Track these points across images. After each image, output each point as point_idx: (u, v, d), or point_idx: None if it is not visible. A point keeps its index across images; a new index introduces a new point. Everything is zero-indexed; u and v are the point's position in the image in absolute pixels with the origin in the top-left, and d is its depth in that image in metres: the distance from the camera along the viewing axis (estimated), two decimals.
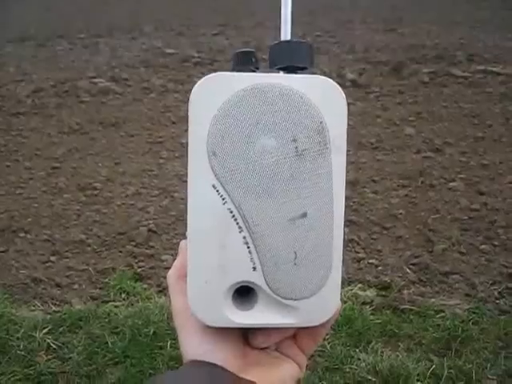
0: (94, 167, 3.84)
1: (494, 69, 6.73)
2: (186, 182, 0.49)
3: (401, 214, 3.07)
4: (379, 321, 2.33)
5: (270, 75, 0.49)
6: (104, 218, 3.08)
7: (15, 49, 9.39)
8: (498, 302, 2.46)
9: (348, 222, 2.85)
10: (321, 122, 0.49)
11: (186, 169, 0.49)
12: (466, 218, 3.06)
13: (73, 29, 11.60)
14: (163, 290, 2.49)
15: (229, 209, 0.49)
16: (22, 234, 2.96)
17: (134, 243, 2.79)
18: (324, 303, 0.51)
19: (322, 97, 0.49)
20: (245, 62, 0.53)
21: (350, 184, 3.35)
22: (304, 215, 0.49)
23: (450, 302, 2.44)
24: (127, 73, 6.76)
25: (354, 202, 3.15)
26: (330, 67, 6.83)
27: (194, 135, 0.50)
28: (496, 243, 2.81)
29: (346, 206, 0.50)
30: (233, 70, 0.52)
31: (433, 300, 2.43)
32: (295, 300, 0.50)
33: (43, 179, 3.68)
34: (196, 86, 0.50)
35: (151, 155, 4.05)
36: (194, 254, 0.50)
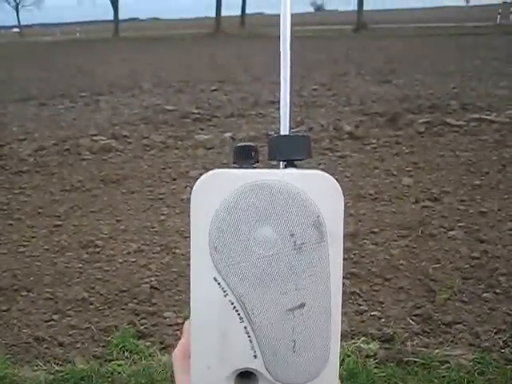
0: (96, 224, 3.87)
1: (488, 117, 6.84)
2: (190, 273, 0.52)
3: (402, 264, 3.08)
4: (383, 374, 2.31)
5: (270, 171, 0.53)
6: (106, 276, 3.08)
7: (18, 108, 9.56)
8: (503, 351, 2.44)
9: (349, 275, 2.86)
10: (318, 217, 0.52)
11: (189, 263, 0.52)
12: (467, 266, 3.06)
13: (74, 88, 11.84)
14: (166, 348, 2.48)
15: (230, 300, 0.51)
16: (24, 293, 2.96)
17: (136, 301, 2.79)
18: None
19: (319, 191, 0.52)
20: (245, 157, 0.56)
21: (351, 236, 3.37)
22: (302, 306, 0.52)
23: (454, 353, 2.42)
24: (127, 130, 6.87)
25: (354, 254, 3.16)
26: (327, 120, 6.95)
27: (196, 230, 0.53)
28: (498, 291, 2.81)
29: (346, 258, 0.53)
30: (234, 163, 0.55)
31: (437, 351, 2.42)
32: None
33: (45, 237, 3.71)
34: (198, 181, 0.53)
35: (152, 212, 4.08)
36: (196, 341, 0.53)
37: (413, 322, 2.55)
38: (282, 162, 0.56)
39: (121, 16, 53.39)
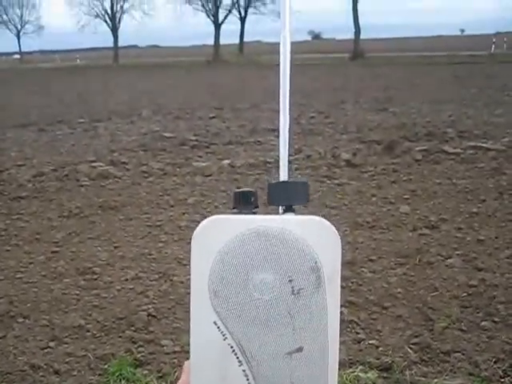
0: (94, 251, 3.87)
1: (485, 145, 6.89)
2: (189, 318, 0.53)
3: (399, 292, 3.07)
4: None
5: (268, 218, 0.54)
6: (103, 303, 3.07)
7: (17, 134, 9.60)
8: (502, 380, 2.43)
9: (347, 303, 2.85)
10: (316, 262, 0.53)
11: (189, 309, 0.53)
12: (464, 294, 3.06)
13: (73, 114, 11.91)
14: (163, 376, 2.46)
15: (229, 344, 0.52)
16: (20, 320, 2.94)
17: (133, 328, 2.78)
18: None
19: (317, 237, 0.54)
20: (244, 202, 0.58)
21: (348, 264, 3.37)
22: (300, 349, 0.53)
23: (453, 382, 2.41)
24: (126, 156, 6.90)
25: (352, 283, 3.16)
26: (324, 148, 6.99)
27: (196, 274, 0.55)
28: (497, 319, 2.81)
29: (344, 287, 0.54)
30: (233, 208, 0.57)
31: (436, 380, 2.40)
32: None
33: (43, 263, 3.70)
34: (199, 227, 0.54)
35: (150, 238, 4.08)
36: (196, 383, 0.54)
37: (411, 351, 2.54)
38: (280, 207, 0.57)
39: (120, 43, 53.97)
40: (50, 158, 7.16)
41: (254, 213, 0.56)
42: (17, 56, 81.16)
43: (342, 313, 2.68)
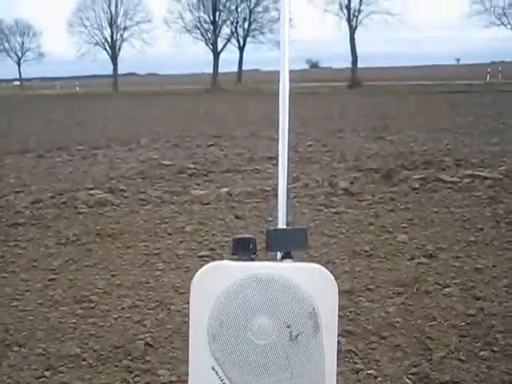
0: (91, 279, 3.85)
1: (481, 173, 6.94)
2: (187, 364, 0.53)
3: (397, 322, 3.06)
4: None
5: (267, 264, 0.55)
6: (100, 332, 3.05)
7: (16, 160, 9.64)
8: None
9: (345, 332, 2.83)
10: (313, 308, 0.54)
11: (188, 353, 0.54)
12: (463, 323, 3.05)
13: (72, 141, 11.98)
14: None
15: None
16: (15, 348, 2.91)
17: (130, 357, 2.75)
18: None
19: (315, 284, 0.55)
20: (243, 249, 0.59)
21: (346, 293, 3.36)
22: None
23: None
24: (124, 184, 6.92)
25: (350, 312, 3.15)
26: (322, 176, 7.03)
27: (195, 319, 0.55)
28: (495, 349, 2.79)
29: (342, 316, 0.55)
30: (232, 254, 0.58)
31: None
32: None
33: (39, 291, 3.68)
34: (198, 273, 0.55)
35: (148, 267, 4.08)
36: None
37: (409, 381, 2.52)
38: (279, 253, 0.58)
39: (120, 71, 54.58)
40: (48, 184, 7.18)
41: (253, 259, 0.57)
42: (17, 83, 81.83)
43: (339, 342, 2.67)
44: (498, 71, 41.05)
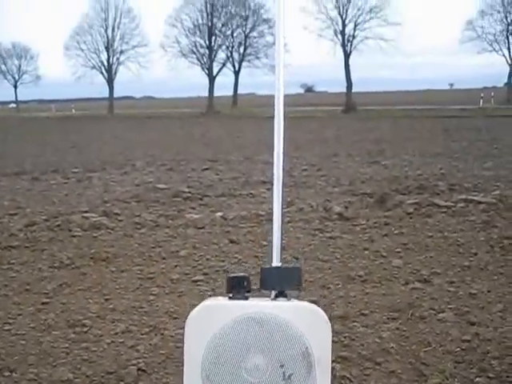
0: (84, 303, 3.83)
1: (475, 197, 6.97)
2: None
3: (392, 347, 3.05)
4: None
5: (261, 303, 0.55)
6: (93, 357, 3.03)
7: (10, 182, 9.63)
8: None
9: (339, 358, 2.82)
10: (306, 348, 0.55)
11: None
12: (458, 349, 3.04)
13: (67, 163, 11.99)
14: None
15: None
16: (7, 373, 2.88)
17: (122, 383, 2.73)
18: None
19: (308, 323, 0.55)
20: (238, 287, 0.60)
21: (340, 319, 3.35)
22: None
23: None
24: (119, 207, 6.91)
25: (344, 337, 3.13)
26: (316, 201, 7.04)
27: (189, 358, 0.56)
28: (491, 375, 2.78)
29: (337, 341, 0.55)
30: (227, 292, 0.58)
31: None
32: None
33: (32, 315, 3.65)
34: (193, 312, 0.56)
35: (141, 291, 4.06)
36: None
37: None
38: (273, 291, 0.59)
39: (116, 94, 54.82)
40: (42, 207, 7.17)
41: (247, 297, 0.57)
42: (13, 105, 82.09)
43: (333, 368, 2.66)
44: (490, 96, 41.49)
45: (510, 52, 42.32)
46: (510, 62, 42.56)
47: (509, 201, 6.70)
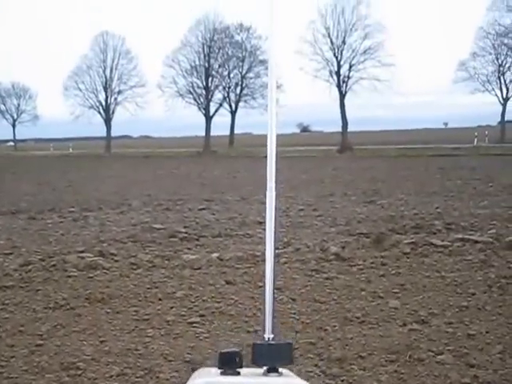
0: (79, 345, 3.78)
1: (472, 237, 6.97)
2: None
3: None
4: None
5: (253, 380, 0.56)
6: None
7: (6, 221, 9.60)
8: None
9: None
10: None
11: None
12: None
13: (63, 203, 11.97)
14: None
15: None
16: None
17: None
18: None
19: None
20: (229, 363, 0.60)
21: (338, 361, 3.32)
22: None
23: None
24: (115, 248, 6.89)
25: (342, 381, 3.10)
26: (313, 241, 7.03)
27: None
28: None
29: None
30: (219, 368, 0.59)
31: None
32: None
33: (25, 357, 3.61)
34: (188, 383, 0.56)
35: (137, 333, 4.01)
36: None
37: None
38: (265, 366, 0.59)
39: (113, 133, 55.05)
40: (38, 247, 7.13)
41: (239, 372, 0.57)
42: (11, 143, 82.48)
43: None
44: (484, 135, 41.89)
45: (501, 92, 42.93)
46: (502, 101, 43.09)
47: (505, 239, 6.70)
